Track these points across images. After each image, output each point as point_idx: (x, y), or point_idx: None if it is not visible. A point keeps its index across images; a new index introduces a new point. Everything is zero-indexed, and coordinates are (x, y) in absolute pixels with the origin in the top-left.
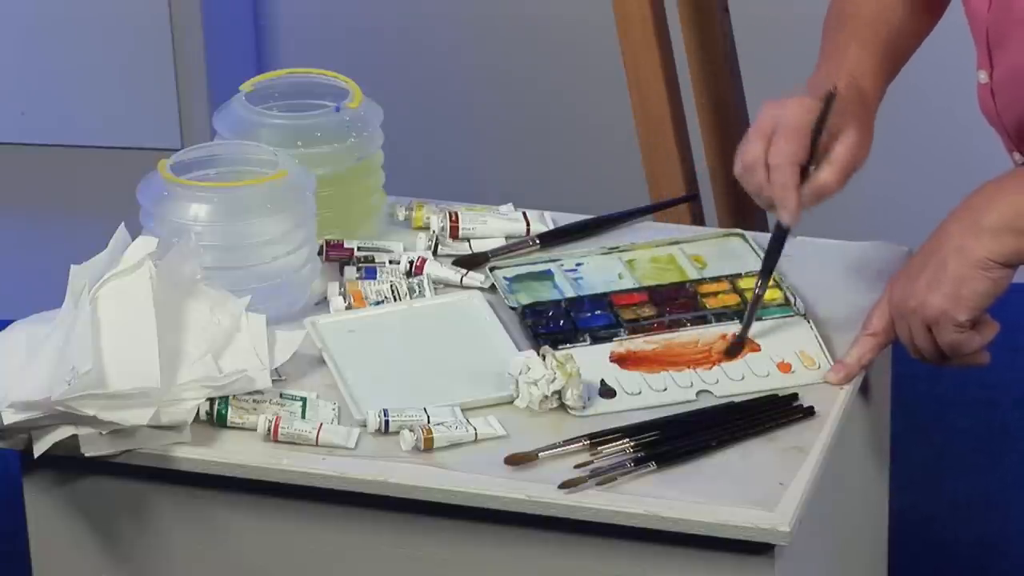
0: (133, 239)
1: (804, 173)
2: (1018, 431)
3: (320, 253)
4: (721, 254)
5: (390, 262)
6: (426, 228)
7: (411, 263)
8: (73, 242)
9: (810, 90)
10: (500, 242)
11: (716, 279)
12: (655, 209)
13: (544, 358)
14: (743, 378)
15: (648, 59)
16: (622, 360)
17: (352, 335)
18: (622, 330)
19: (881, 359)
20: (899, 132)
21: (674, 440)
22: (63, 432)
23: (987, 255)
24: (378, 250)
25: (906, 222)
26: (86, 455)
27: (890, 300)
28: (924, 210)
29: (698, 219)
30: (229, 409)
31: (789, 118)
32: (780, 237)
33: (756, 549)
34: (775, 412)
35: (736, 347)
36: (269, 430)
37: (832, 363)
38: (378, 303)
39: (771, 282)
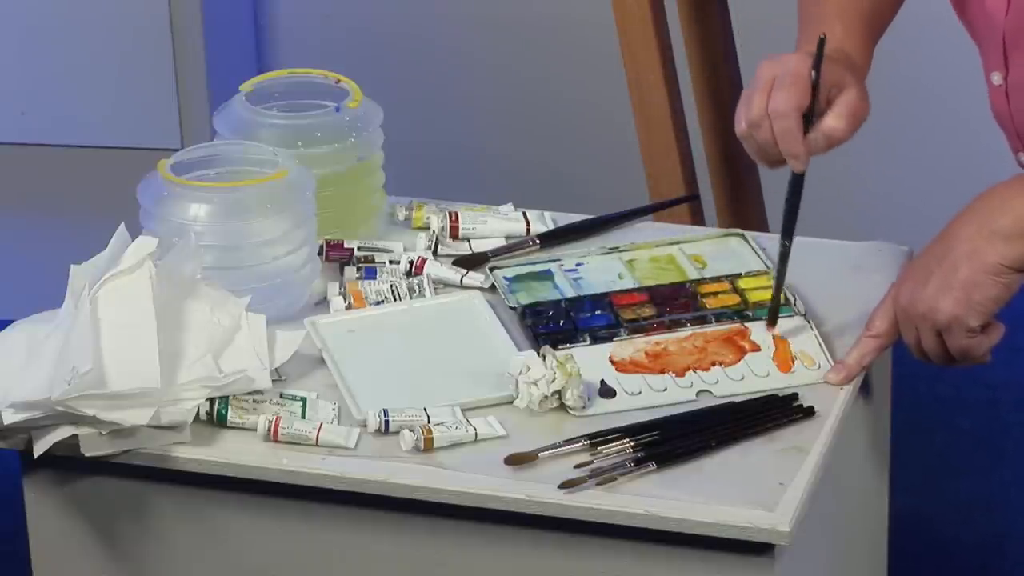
0: (133, 239)
1: (807, 122)
2: (1019, 431)
3: (320, 253)
4: (721, 254)
5: (390, 262)
6: (426, 228)
7: (411, 263)
8: (73, 242)
9: None
10: (500, 242)
11: (716, 279)
12: (655, 209)
13: (544, 358)
14: (743, 378)
15: (648, 59)
16: (622, 366)
17: (352, 335)
18: (622, 330)
19: (882, 359)
20: (900, 132)
21: (674, 440)
22: (63, 432)
23: (1000, 260)
24: (378, 250)
25: (906, 222)
26: (86, 455)
27: (896, 304)
28: (924, 210)
29: (698, 219)
30: (229, 409)
31: (788, 68)
32: (796, 187)
33: (756, 549)
34: (775, 412)
35: (772, 312)
36: (269, 430)
37: (832, 363)
38: (378, 303)
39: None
